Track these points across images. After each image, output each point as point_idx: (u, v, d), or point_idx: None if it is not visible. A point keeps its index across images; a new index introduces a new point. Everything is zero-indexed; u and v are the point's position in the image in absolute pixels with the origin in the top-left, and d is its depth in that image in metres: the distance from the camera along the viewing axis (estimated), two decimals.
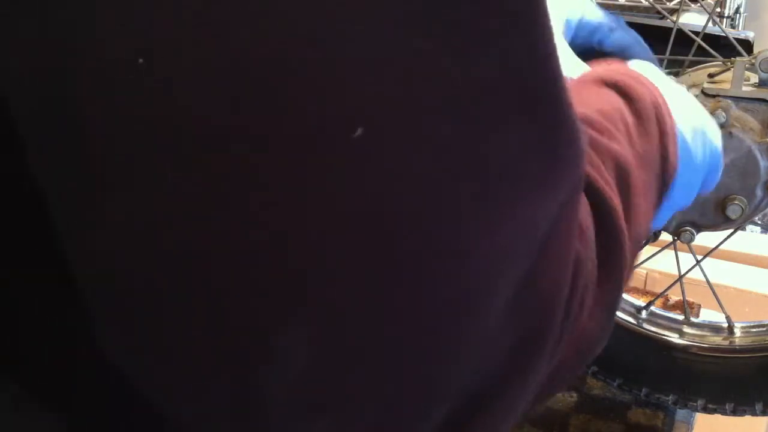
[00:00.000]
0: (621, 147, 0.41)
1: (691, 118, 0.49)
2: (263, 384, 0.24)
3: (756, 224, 1.70)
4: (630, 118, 0.44)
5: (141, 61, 0.21)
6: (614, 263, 0.36)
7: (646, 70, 0.51)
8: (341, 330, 0.24)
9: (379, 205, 0.23)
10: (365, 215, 0.23)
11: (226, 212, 0.23)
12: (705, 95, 0.72)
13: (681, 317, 1.00)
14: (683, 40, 0.83)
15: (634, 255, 0.39)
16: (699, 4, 1.48)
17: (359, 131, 0.22)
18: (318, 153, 0.22)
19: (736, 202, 0.70)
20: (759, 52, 0.72)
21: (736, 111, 0.70)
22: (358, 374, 0.25)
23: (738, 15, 3.45)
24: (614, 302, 0.37)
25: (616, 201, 0.37)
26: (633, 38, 0.61)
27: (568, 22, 0.57)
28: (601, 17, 0.59)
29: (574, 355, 0.35)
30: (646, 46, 0.62)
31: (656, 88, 0.47)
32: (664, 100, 0.47)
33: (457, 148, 0.24)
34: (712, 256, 1.00)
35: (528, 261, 0.27)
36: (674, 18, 0.91)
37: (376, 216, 0.23)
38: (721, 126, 0.70)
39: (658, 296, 1.04)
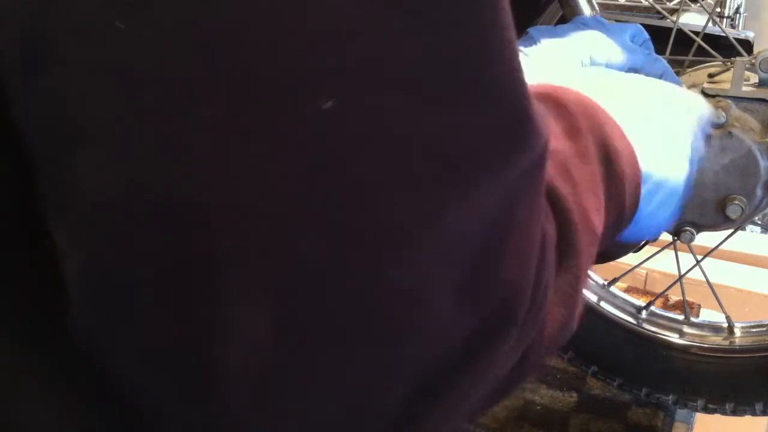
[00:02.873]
0: (560, 144, 0.41)
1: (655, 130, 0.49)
2: (222, 365, 0.24)
3: (756, 224, 1.70)
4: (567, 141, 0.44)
5: (119, 21, 0.22)
6: (568, 251, 0.36)
7: (607, 87, 0.51)
8: (298, 308, 0.24)
9: (341, 177, 0.24)
10: (328, 187, 0.24)
11: (187, 177, 0.23)
12: (705, 95, 0.72)
13: (681, 317, 1.00)
14: (683, 40, 0.83)
15: (590, 249, 0.39)
16: (699, 4, 1.48)
17: (329, 103, 0.23)
18: (288, 121, 0.23)
19: (736, 202, 0.70)
20: (759, 52, 0.72)
21: (736, 111, 0.70)
22: (312, 359, 0.25)
23: (738, 15, 3.45)
24: (573, 294, 0.37)
25: (565, 190, 0.38)
26: (660, 69, 0.62)
27: (582, 63, 0.60)
28: (624, 60, 0.61)
29: (537, 348, 0.35)
30: (674, 75, 0.63)
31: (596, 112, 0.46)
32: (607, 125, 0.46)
33: (416, 126, 0.25)
34: (712, 256, 1.00)
35: (482, 243, 0.28)
36: (674, 18, 0.91)
37: (338, 188, 0.24)
38: (721, 126, 0.70)
39: (658, 296, 1.04)
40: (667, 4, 2.58)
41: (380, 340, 0.26)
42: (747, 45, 0.81)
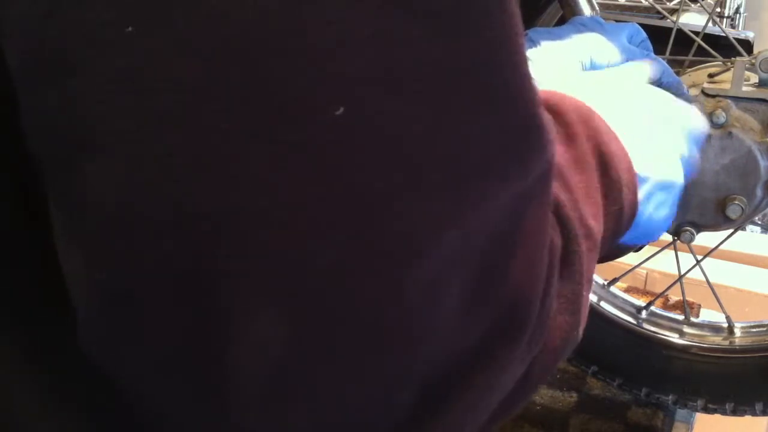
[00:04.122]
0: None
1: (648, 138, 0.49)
2: (232, 368, 0.24)
3: (756, 224, 1.70)
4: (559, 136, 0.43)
5: (130, 29, 0.22)
6: (570, 259, 0.36)
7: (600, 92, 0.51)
8: (306, 314, 0.24)
9: (351, 184, 0.24)
10: (338, 194, 0.24)
11: (198, 184, 0.23)
12: (705, 95, 0.72)
13: (681, 317, 1.00)
14: (683, 40, 0.83)
15: (590, 256, 0.39)
16: (699, 4, 1.48)
17: (341, 110, 0.23)
18: (300, 129, 0.23)
19: (736, 202, 0.70)
20: (759, 52, 0.72)
21: (736, 111, 0.70)
22: (320, 364, 0.25)
23: (738, 15, 3.45)
24: (577, 302, 0.37)
25: (564, 197, 0.38)
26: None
27: (582, 65, 0.60)
28: (623, 61, 0.61)
29: (543, 357, 0.35)
30: (673, 74, 0.63)
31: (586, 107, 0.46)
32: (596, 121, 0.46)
33: (427, 133, 0.25)
34: (712, 256, 1.00)
35: (491, 252, 0.27)
36: (674, 18, 0.91)
37: (348, 195, 0.24)
38: (721, 126, 0.70)
39: (658, 296, 1.04)
40: (667, 4, 2.58)
41: (389, 345, 0.26)
42: (747, 45, 0.82)
